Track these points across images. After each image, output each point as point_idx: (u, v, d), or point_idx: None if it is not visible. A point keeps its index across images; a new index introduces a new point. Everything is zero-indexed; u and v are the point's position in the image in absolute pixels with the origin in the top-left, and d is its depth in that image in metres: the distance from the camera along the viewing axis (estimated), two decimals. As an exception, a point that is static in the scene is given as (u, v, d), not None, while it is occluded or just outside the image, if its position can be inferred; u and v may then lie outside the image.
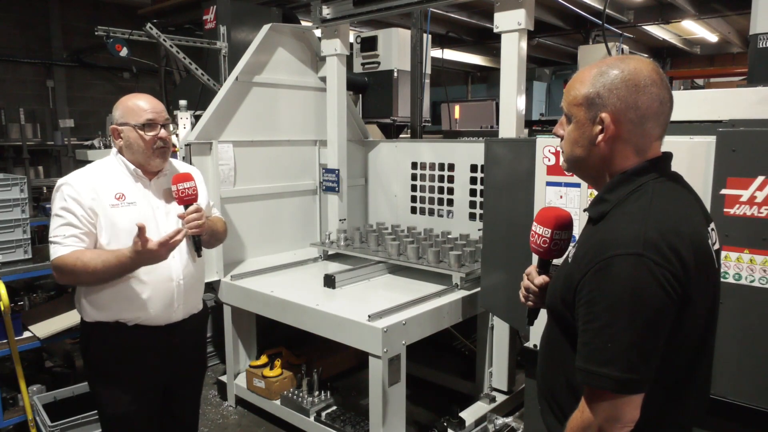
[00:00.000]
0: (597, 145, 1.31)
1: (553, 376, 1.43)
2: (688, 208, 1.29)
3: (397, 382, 2.71)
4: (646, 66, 1.29)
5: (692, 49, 12.64)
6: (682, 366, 1.27)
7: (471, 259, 3.22)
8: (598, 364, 1.17)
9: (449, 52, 11.01)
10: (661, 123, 1.31)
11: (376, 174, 4.42)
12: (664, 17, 9.12)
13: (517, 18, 2.89)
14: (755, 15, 2.23)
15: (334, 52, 3.86)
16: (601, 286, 1.18)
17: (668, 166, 1.35)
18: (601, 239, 1.23)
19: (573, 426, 1.25)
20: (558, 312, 1.37)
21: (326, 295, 3.11)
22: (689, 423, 1.38)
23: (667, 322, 1.16)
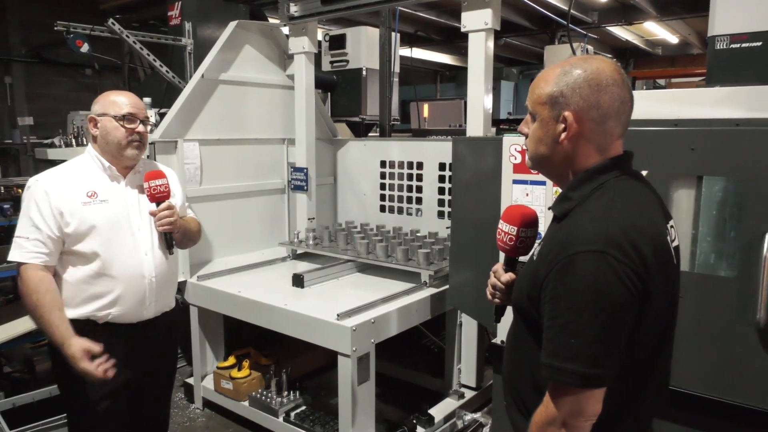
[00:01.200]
0: (560, 143, 1.33)
1: (519, 372, 1.45)
2: (648, 206, 1.32)
3: (367, 380, 2.71)
4: (607, 66, 1.32)
5: (654, 50, 12.96)
6: (644, 360, 1.30)
7: (439, 257, 3.24)
8: (562, 359, 1.19)
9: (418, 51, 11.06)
10: (623, 122, 1.34)
11: (345, 173, 4.41)
12: (627, 18, 9.33)
13: (483, 18, 2.91)
14: (712, 18, 2.28)
15: (302, 50, 3.83)
16: (564, 283, 1.20)
17: (629, 164, 1.38)
18: (565, 237, 1.25)
19: (537, 421, 1.27)
20: (524, 309, 1.39)
21: (295, 294, 3.09)
22: (650, 415, 1.41)
23: (628, 318, 1.19)
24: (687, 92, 2.28)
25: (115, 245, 2.13)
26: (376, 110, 4.82)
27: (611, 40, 11.79)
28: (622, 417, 1.31)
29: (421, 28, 9.60)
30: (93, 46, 4.52)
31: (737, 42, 2.23)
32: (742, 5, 2.20)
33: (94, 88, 6.74)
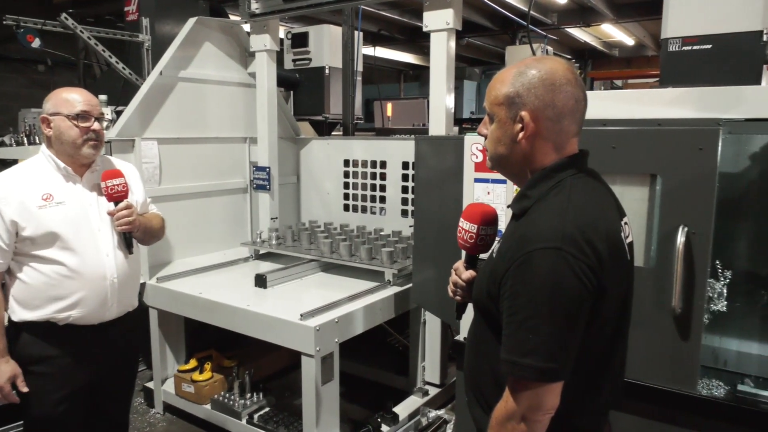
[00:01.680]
0: (518, 142, 1.35)
1: (479, 368, 1.47)
2: (603, 203, 1.35)
3: (331, 380, 2.70)
4: (561, 66, 1.34)
5: (611, 51, 13.29)
6: (599, 353, 1.33)
7: (403, 255, 3.25)
8: (520, 354, 1.21)
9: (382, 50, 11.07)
10: (577, 120, 1.36)
11: (309, 172, 4.38)
12: (585, 20, 9.53)
13: (445, 18, 2.93)
14: (665, 21, 2.36)
15: (263, 47, 3.79)
16: (523, 280, 1.22)
17: (585, 163, 1.41)
18: (523, 234, 1.27)
19: (497, 416, 1.29)
20: (484, 305, 1.40)
21: (257, 295, 3.06)
22: (607, 407, 1.45)
23: (584, 313, 1.22)
24: (641, 93, 2.34)
25: (75, 247, 2.09)
26: (339, 109, 4.80)
27: (570, 42, 12.04)
28: (580, 409, 1.34)
29: (384, 27, 9.61)
30: (45, 41, 4.36)
31: (689, 44, 2.31)
32: (693, 9, 2.27)
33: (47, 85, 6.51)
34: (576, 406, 1.31)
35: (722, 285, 2.21)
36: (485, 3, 7.83)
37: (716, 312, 2.26)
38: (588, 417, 1.38)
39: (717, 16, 2.22)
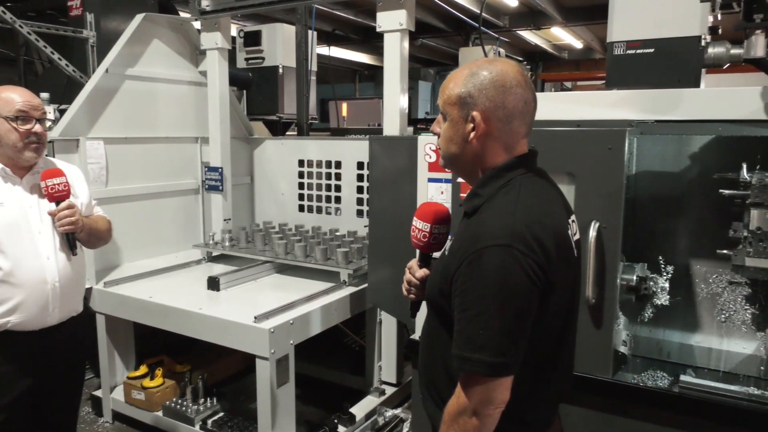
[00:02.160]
0: (470, 142, 1.37)
1: (433, 365, 1.48)
2: (551, 202, 1.39)
3: (286, 382, 2.67)
4: (512, 68, 1.37)
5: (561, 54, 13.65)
6: (548, 347, 1.36)
7: (359, 255, 3.25)
8: (471, 350, 1.22)
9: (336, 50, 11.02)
10: (527, 122, 1.40)
11: (263, 172, 4.33)
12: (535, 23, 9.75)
13: (398, 18, 2.95)
14: (611, 25, 2.43)
15: (214, 45, 3.72)
16: (473, 277, 1.24)
17: (534, 162, 1.45)
18: (474, 232, 1.29)
19: (450, 411, 1.30)
20: (437, 303, 1.42)
21: (210, 298, 3.00)
22: (556, 400, 1.48)
23: (533, 308, 1.25)
24: (588, 95, 2.42)
25: (13, 250, 2.01)
26: (293, 109, 4.76)
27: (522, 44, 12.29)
28: (530, 403, 1.37)
29: (338, 26, 9.58)
30: (-19, 36, 4.16)
31: (633, 48, 2.39)
32: (636, 14, 2.35)
33: (-16, 82, 6.17)
34: (526, 400, 1.34)
35: (665, 280, 2.30)
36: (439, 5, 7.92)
37: (659, 306, 2.35)
38: (538, 410, 1.41)
39: (658, 21, 2.31)
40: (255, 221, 4.32)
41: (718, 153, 2.44)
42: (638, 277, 2.22)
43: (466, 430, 1.27)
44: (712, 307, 2.51)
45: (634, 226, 2.63)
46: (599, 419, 2.26)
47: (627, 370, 2.41)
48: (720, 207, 2.30)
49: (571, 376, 1.53)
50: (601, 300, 2.09)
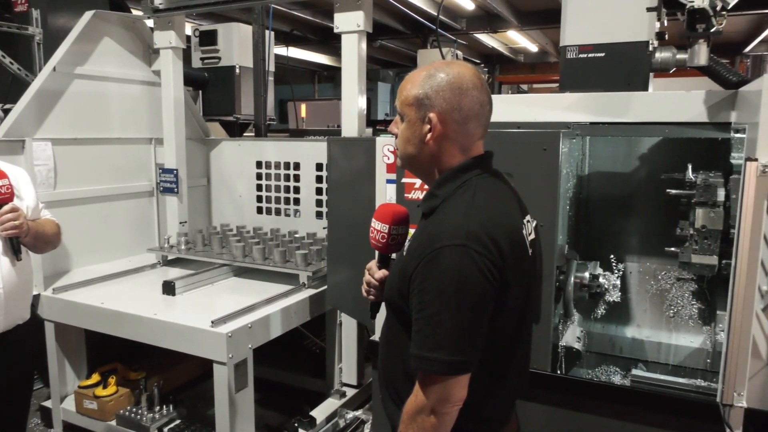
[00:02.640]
0: (427, 143, 1.39)
1: (392, 365, 1.49)
2: (506, 202, 1.41)
3: (245, 387, 2.64)
4: (468, 71, 1.39)
5: (517, 57, 13.90)
6: (504, 345, 1.38)
7: (318, 257, 3.23)
8: (428, 349, 1.24)
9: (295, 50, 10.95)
10: (482, 124, 1.42)
11: (220, 174, 4.25)
12: (491, 27, 9.91)
13: (356, 20, 2.95)
14: (564, 29, 2.49)
15: (168, 44, 3.64)
16: (430, 276, 1.25)
17: (490, 164, 1.47)
18: (431, 232, 1.31)
19: (408, 410, 1.31)
20: (395, 303, 1.42)
21: (166, 302, 2.93)
22: (513, 396, 1.51)
23: (489, 306, 1.27)
24: (543, 97, 2.47)
25: None
26: (250, 109, 4.70)
27: (479, 47, 12.46)
28: (486, 400, 1.39)
29: (296, 27, 9.51)
30: None
31: (585, 52, 2.44)
32: (587, 19, 2.42)
33: None
34: (483, 397, 1.36)
35: (616, 277, 2.38)
36: (397, 6, 7.95)
37: (611, 303, 2.42)
38: (494, 407, 1.43)
39: (609, 26, 2.38)
40: (212, 224, 4.24)
41: (666, 154, 2.53)
42: (591, 275, 2.28)
43: (424, 429, 1.28)
44: (661, 303, 2.60)
45: (587, 225, 2.71)
46: (556, 415, 2.31)
47: (581, 366, 2.48)
48: (668, 206, 2.38)
49: (527, 374, 1.56)
50: (539, 296, 2.14)
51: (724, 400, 1.74)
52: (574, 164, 2.52)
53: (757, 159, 1.62)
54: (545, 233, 2.09)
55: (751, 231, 1.63)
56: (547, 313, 2.15)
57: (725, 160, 2.22)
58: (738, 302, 1.67)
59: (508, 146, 2.12)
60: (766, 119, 1.62)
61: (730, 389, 1.72)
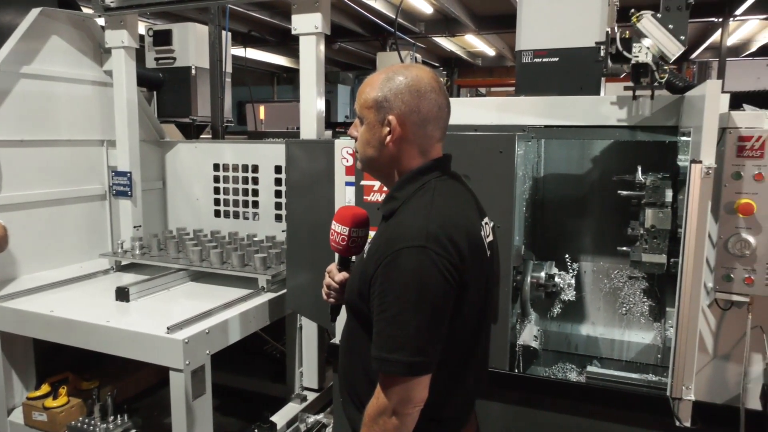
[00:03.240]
0: (386, 145, 1.39)
1: (353, 368, 1.48)
2: (464, 204, 1.43)
3: (203, 394, 2.58)
4: (426, 74, 1.41)
5: (475, 61, 14.12)
6: (464, 346, 1.40)
7: (277, 260, 3.20)
8: (389, 350, 1.24)
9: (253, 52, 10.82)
10: (441, 126, 1.43)
11: (176, 176, 4.16)
12: (450, 31, 10.04)
13: (314, 21, 2.93)
14: (519, 34, 2.54)
15: (120, 44, 3.54)
16: (390, 278, 1.25)
17: (449, 166, 1.49)
18: (391, 234, 1.31)
19: (369, 412, 1.31)
20: (356, 306, 1.42)
21: (119, 309, 2.85)
22: (473, 396, 1.53)
23: (448, 307, 1.28)
24: (499, 100, 2.51)
25: None
26: (207, 111, 4.62)
27: (438, 50, 12.60)
28: (447, 400, 1.40)
29: (254, 28, 9.41)
30: None
31: (539, 57, 2.50)
32: (541, 24, 2.48)
33: None
34: (443, 397, 1.37)
35: (571, 276, 2.43)
36: (356, 9, 7.97)
37: (567, 301, 2.48)
38: (454, 407, 1.45)
39: (562, 31, 2.44)
40: (168, 228, 4.14)
41: (617, 157, 2.61)
42: (547, 274, 2.33)
43: (386, 431, 1.28)
44: (614, 301, 2.68)
45: (543, 226, 2.77)
46: (514, 413, 2.35)
47: (539, 364, 2.53)
48: (619, 207, 2.46)
49: (486, 374, 1.58)
50: (496, 296, 2.17)
51: (674, 393, 1.80)
52: (530, 166, 2.57)
53: (701, 161, 1.68)
54: (502, 234, 2.12)
55: (696, 230, 1.70)
56: (504, 312, 2.19)
57: (673, 162, 2.31)
58: (685, 299, 1.73)
59: (465, 149, 2.15)
60: (709, 123, 1.69)
61: (678, 383, 1.78)
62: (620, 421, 2.24)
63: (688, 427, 1.80)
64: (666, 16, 1.95)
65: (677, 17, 1.94)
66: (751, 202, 1.82)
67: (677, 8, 1.94)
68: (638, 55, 1.99)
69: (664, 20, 1.95)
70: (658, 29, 1.94)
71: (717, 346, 2.11)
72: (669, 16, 1.95)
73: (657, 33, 1.94)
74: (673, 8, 1.94)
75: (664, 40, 1.94)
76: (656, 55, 1.97)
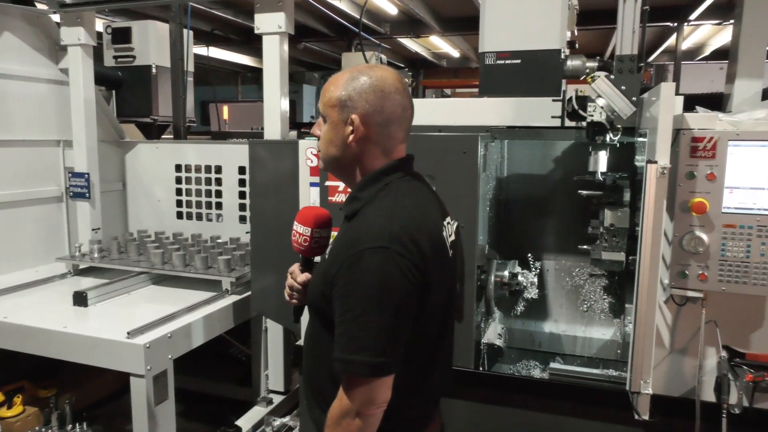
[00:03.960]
0: (349, 144, 1.39)
1: (317, 370, 1.48)
2: (427, 204, 1.44)
3: (165, 399, 2.53)
4: (391, 75, 1.41)
5: (440, 62, 14.22)
6: (427, 345, 1.41)
7: (241, 262, 3.16)
8: (352, 351, 1.24)
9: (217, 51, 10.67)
10: (404, 127, 1.44)
11: (136, 177, 4.07)
12: (415, 32, 10.07)
13: (277, 21, 2.91)
14: (482, 36, 2.57)
15: (77, 41, 3.44)
16: (353, 279, 1.25)
17: (411, 167, 1.49)
18: (353, 235, 1.31)
19: (333, 414, 1.30)
20: (318, 307, 1.42)
21: (77, 314, 2.77)
22: (437, 396, 1.54)
23: (411, 307, 1.28)
24: (463, 101, 2.54)
25: None
26: (169, 111, 4.53)
27: (403, 51, 12.64)
28: (411, 400, 1.41)
29: (218, 26, 9.27)
30: None
31: (502, 59, 2.53)
32: (504, 27, 2.50)
33: None
34: (406, 397, 1.38)
35: (534, 275, 2.47)
36: (321, 9, 7.93)
37: (530, 299, 2.52)
38: (418, 407, 1.45)
39: (524, 34, 2.47)
40: (128, 230, 4.05)
41: (578, 157, 2.66)
42: (510, 273, 2.36)
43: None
44: (576, 299, 2.73)
45: (506, 225, 2.80)
46: (480, 410, 2.38)
47: (503, 362, 2.56)
48: (580, 206, 2.51)
49: (450, 372, 1.59)
50: (461, 295, 2.19)
51: (632, 388, 1.85)
52: (493, 167, 2.60)
53: (656, 161, 1.73)
54: (466, 234, 2.14)
55: (652, 228, 1.75)
56: (469, 311, 2.21)
57: (631, 162, 2.36)
58: (642, 295, 1.78)
59: (429, 149, 2.16)
60: (663, 124, 1.74)
61: (637, 377, 1.83)
62: (583, 415, 2.29)
63: (647, 420, 1.85)
64: (619, 77, 2.04)
65: (630, 79, 2.03)
66: (704, 201, 1.88)
67: (629, 71, 2.03)
68: (593, 114, 2.07)
69: (617, 81, 2.04)
70: (612, 90, 2.03)
71: (673, 341, 2.17)
72: (622, 77, 2.03)
73: (610, 93, 2.03)
74: (625, 70, 2.04)
75: (617, 101, 2.02)
76: (610, 114, 2.05)
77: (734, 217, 1.89)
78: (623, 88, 2.01)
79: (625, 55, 2.01)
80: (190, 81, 4.61)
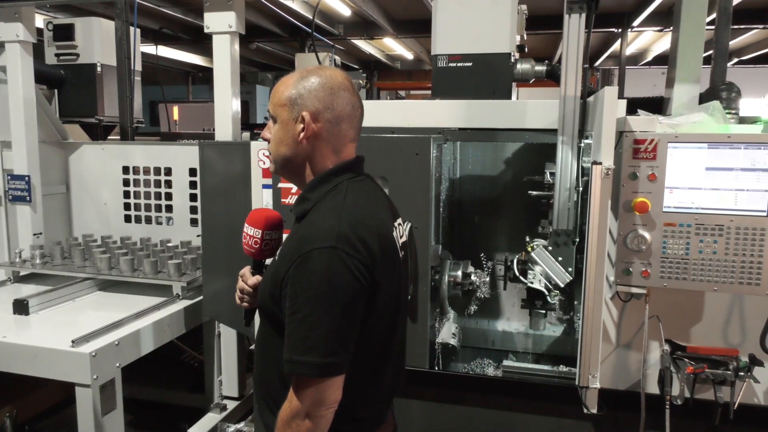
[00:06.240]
0: (300, 142, 1.38)
1: (268, 373, 1.46)
2: (376, 205, 1.44)
3: (113, 409, 2.45)
4: (339, 74, 1.42)
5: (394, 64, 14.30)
6: (378, 345, 1.41)
7: (193, 266, 3.09)
8: (300, 352, 1.23)
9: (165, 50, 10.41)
10: (354, 126, 1.44)
11: (81, 180, 3.92)
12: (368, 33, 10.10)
13: (227, 20, 2.86)
14: (434, 39, 2.60)
15: (15, 38, 3.29)
16: (301, 279, 1.25)
17: (362, 167, 1.49)
18: (302, 235, 1.30)
19: (282, 416, 1.29)
20: (268, 308, 1.40)
21: (18, 323, 2.64)
22: (389, 396, 1.54)
23: (360, 307, 1.29)
24: (416, 103, 2.56)
25: None
26: (115, 111, 4.38)
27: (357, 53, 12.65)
28: (362, 400, 1.41)
29: (166, 25, 9.05)
30: None
31: (454, 61, 2.57)
32: (455, 30, 2.54)
33: None
34: (358, 397, 1.37)
35: (486, 274, 2.51)
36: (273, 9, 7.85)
37: (483, 299, 2.56)
38: (370, 406, 1.46)
39: (474, 37, 2.51)
40: (73, 235, 3.89)
41: (528, 158, 2.73)
42: (463, 273, 2.39)
43: None
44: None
45: (459, 226, 2.84)
46: (435, 410, 2.40)
47: (458, 361, 2.59)
48: (530, 206, 2.57)
49: (402, 372, 1.60)
50: (415, 296, 2.22)
51: (581, 382, 1.90)
52: (446, 168, 2.63)
53: (601, 163, 1.79)
54: (420, 234, 2.16)
55: (598, 227, 1.80)
56: (423, 311, 2.23)
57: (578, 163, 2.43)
58: (589, 292, 1.83)
59: (382, 150, 2.17)
60: (606, 127, 1.80)
61: (585, 372, 1.88)
62: (536, 411, 2.35)
63: (595, 413, 1.91)
64: (556, 250, 2.21)
65: (566, 251, 2.20)
66: (646, 201, 1.95)
67: (564, 244, 2.20)
68: (533, 282, 2.22)
69: (554, 252, 2.20)
70: (549, 260, 2.19)
71: (619, 336, 2.25)
72: (558, 250, 2.21)
73: (548, 263, 2.19)
74: (561, 244, 2.21)
75: (555, 270, 2.18)
76: (548, 283, 2.20)
77: (674, 216, 1.97)
78: (560, 259, 2.19)
79: (561, 230, 2.16)
80: (137, 80, 4.48)
